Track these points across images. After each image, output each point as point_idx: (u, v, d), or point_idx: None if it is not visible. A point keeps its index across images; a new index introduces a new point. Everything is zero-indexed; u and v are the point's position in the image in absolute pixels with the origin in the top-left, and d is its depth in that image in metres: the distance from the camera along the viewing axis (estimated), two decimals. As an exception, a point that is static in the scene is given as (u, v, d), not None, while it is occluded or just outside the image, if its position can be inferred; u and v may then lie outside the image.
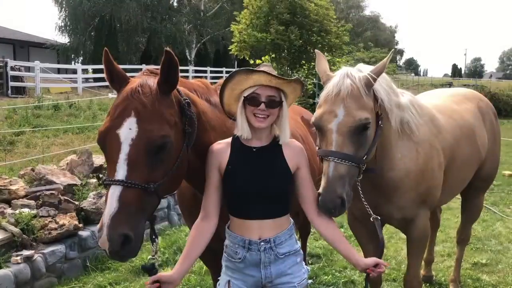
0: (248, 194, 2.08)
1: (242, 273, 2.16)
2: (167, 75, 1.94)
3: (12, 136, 9.61)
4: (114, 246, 1.75)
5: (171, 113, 1.96)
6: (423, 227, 2.97)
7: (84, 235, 4.80)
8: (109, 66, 2.01)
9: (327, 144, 2.26)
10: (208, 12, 36.35)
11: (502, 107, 22.73)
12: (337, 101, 2.28)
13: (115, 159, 1.84)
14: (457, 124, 3.34)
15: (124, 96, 1.91)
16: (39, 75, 17.88)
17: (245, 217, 2.13)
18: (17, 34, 32.56)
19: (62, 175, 5.41)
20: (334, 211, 2.14)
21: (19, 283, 4.02)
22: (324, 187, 2.16)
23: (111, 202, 1.78)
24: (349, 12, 59.98)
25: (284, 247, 2.15)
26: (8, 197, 4.85)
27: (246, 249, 2.12)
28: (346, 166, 2.19)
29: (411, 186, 2.78)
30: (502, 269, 4.74)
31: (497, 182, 9.07)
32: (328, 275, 4.43)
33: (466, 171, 3.50)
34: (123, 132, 1.85)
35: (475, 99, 3.87)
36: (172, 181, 1.99)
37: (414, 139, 2.78)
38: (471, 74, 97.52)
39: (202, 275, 4.46)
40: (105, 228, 1.74)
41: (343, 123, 2.24)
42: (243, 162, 2.12)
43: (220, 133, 2.34)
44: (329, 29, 14.00)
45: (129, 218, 1.78)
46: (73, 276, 4.54)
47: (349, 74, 2.34)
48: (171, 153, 1.94)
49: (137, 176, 1.82)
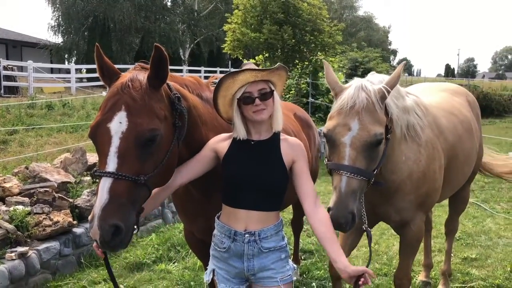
0: (241, 183, 2.15)
1: (227, 263, 2.22)
2: (157, 69, 1.98)
3: (5, 135, 9.59)
4: (105, 237, 1.79)
5: (161, 107, 2.00)
6: (418, 230, 2.98)
7: (78, 232, 4.82)
8: (100, 61, 2.05)
9: (339, 157, 2.25)
10: (202, 12, 36.35)
11: (495, 107, 22.85)
12: (352, 115, 2.26)
13: (106, 152, 1.88)
14: (458, 119, 3.38)
15: (115, 91, 1.96)
16: (32, 74, 17.79)
17: (235, 205, 2.18)
18: (10, 33, 32.39)
19: (56, 173, 5.43)
20: (345, 226, 2.14)
21: (13, 279, 4.04)
22: (336, 201, 2.16)
23: (101, 194, 1.82)
24: (343, 12, 60.19)
25: (269, 242, 2.18)
26: (2, 194, 4.87)
27: (231, 240, 2.18)
28: (358, 180, 2.20)
29: (412, 188, 2.79)
30: (491, 263, 4.82)
31: (488, 180, 9.18)
32: (320, 270, 4.48)
33: (468, 166, 3.56)
34: (113, 125, 1.89)
35: (464, 94, 3.95)
36: (162, 173, 2.04)
37: (418, 141, 2.79)
38: (464, 74, 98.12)
39: (196, 271, 4.50)
40: (96, 219, 1.79)
41: (357, 137, 2.23)
42: (240, 153, 2.19)
43: (211, 127, 2.39)
44: (322, 28, 14.06)
45: (119, 209, 1.83)
46: (68, 273, 4.56)
47: (364, 87, 2.32)
48: (161, 146, 1.98)
49: (127, 168, 1.87)
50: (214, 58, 36.93)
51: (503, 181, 9.05)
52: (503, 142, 13.43)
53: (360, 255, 4.93)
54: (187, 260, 4.79)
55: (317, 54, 14.72)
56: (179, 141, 2.12)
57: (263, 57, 14.15)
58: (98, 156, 1.95)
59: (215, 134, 2.36)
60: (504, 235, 5.77)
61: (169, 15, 33.46)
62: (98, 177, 1.88)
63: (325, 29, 14.24)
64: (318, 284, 4.25)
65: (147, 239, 5.38)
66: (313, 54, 14.68)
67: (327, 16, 14.78)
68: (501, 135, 13.79)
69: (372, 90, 2.31)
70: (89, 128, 1.99)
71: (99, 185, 1.85)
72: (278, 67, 2.19)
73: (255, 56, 14.50)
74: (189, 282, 4.24)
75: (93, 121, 1.97)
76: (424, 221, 3.07)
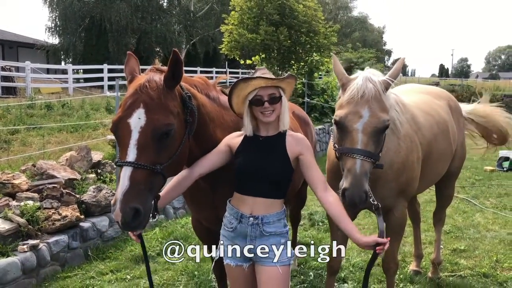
0: (249, 173, 2.43)
1: (233, 241, 2.49)
2: (173, 71, 2.23)
3: (8, 135, 9.77)
4: (126, 218, 2.03)
5: (175, 105, 2.25)
6: (401, 215, 3.24)
7: (85, 226, 5.05)
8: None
9: (352, 142, 2.47)
10: (198, 13, 36.52)
11: (487, 107, 23.20)
12: (362, 103, 2.50)
13: (126, 144, 2.13)
14: (434, 120, 3.65)
15: (134, 91, 2.20)
16: (29, 75, 17.92)
17: (243, 192, 2.47)
18: (6, 34, 32.40)
19: (63, 170, 5.64)
20: (359, 204, 2.36)
21: (26, 270, 4.26)
22: (351, 182, 2.37)
23: (123, 181, 2.06)
24: (338, 13, 60.50)
25: (270, 227, 2.44)
26: (11, 190, 5.07)
27: (238, 221, 2.46)
28: (369, 163, 2.44)
29: (393, 177, 3.04)
30: (478, 254, 5.09)
31: (479, 177, 9.48)
32: (317, 261, 4.72)
33: (442, 164, 3.83)
34: (133, 121, 2.13)
35: (446, 98, 4.22)
36: (175, 164, 2.29)
37: (398, 135, 3.05)
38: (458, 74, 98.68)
39: (199, 262, 4.71)
40: (118, 203, 2.03)
41: (368, 123, 2.47)
42: (250, 147, 2.48)
43: (218, 124, 2.65)
44: (318, 29, 14.29)
45: (139, 194, 2.07)
46: (76, 265, 4.78)
47: (370, 78, 2.58)
48: (175, 139, 2.24)
49: (145, 158, 2.11)
50: (210, 59, 37.06)
51: (493, 178, 9.38)
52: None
53: (354, 246, 5.17)
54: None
55: (313, 55, 14.94)
56: (189, 135, 2.37)
57: (260, 58, 14.36)
58: (119, 148, 2.20)
59: (221, 130, 2.63)
60: (492, 229, 6.03)
61: (165, 16, 33.56)
62: (120, 166, 2.12)
63: (321, 31, 14.47)
64: (315, 273, 4.49)
65: (151, 233, 5.60)
66: (309, 55, 14.91)
67: (322, 17, 15.01)
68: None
69: (377, 81, 2.58)
70: (111, 123, 2.24)
71: (121, 173, 2.09)
72: (287, 77, 2.47)
73: (252, 57, 14.70)
74: (192, 272, 4.47)
75: (115, 117, 2.22)
76: (406, 207, 3.33)
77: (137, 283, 4.37)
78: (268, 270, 2.41)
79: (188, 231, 5.58)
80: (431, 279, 4.39)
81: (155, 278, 4.41)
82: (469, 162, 10.69)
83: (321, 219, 6.17)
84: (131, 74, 2.36)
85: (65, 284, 4.40)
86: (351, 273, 4.53)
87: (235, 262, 2.48)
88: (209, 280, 4.32)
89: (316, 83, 15.12)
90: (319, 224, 6.09)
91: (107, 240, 5.29)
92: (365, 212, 5.69)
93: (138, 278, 4.48)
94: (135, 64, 2.42)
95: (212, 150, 2.57)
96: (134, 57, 2.45)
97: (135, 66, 2.41)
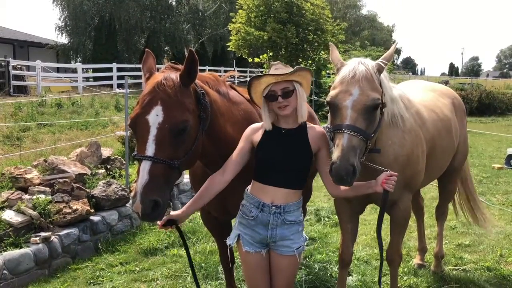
0: (272, 164, 2.51)
1: (252, 229, 2.58)
2: (189, 69, 2.33)
3: (19, 132, 9.97)
4: (146, 209, 2.14)
5: (190, 102, 2.35)
6: (406, 208, 3.29)
7: (95, 219, 5.16)
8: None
9: (341, 119, 2.52)
10: (207, 12, 36.70)
11: (497, 105, 23.02)
12: (353, 83, 2.57)
13: (145, 139, 2.23)
14: (438, 117, 3.72)
15: (152, 88, 2.30)
16: (40, 74, 18.18)
17: (264, 182, 2.55)
18: (17, 34, 32.80)
19: (73, 165, 5.76)
20: (346, 177, 2.37)
21: (38, 261, 4.39)
22: (338, 156, 2.40)
23: (142, 174, 2.17)
24: (347, 11, 60.29)
25: (291, 216, 2.55)
26: (23, 185, 5.21)
27: (259, 210, 2.54)
28: (357, 138, 2.47)
29: (398, 170, 3.04)
30: (483, 249, 5.12)
31: (486, 174, 9.46)
32: (322, 254, 4.79)
33: (444, 159, 3.90)
34: (151, 117, 2.24)
35: (451, 96, 4.28)
36: (191, 158, 2.39)
37: (403, 128, 3.11)
38: (468, 73, 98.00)
39: (206, 255, 4.82)
40: (138, 195, 2.13)
41: (357, 100, 2.53)
42: (272, 139, 2.56)
43: (227, 118, 2.74)
44: (325, 28, 14.38)
45: (157, 187, 2.17)
46: (86, 257, 4.90)
47: (362, 61, 2.68)
48: (190, 135, 2.34)
49: (164, 153, 2.21)
50: (218, 57, 37.24)
51: (501, 176, 9.36)
52: (503, 139, 13.73)
53: (359, 241, 5.23)
54: (197, 246, 5.12)
55: (320, 53, 15.01)
56: (203, 130, 2.47)
57: (268, 56, 14.45)
58: (137, 143, 2.30)
59: (231, 124, 2.72)
60: (497, 225, 6.04)
61: (174, 15, 33.79)
62: (139, 160, 2.23)
63: (328, 29, 14.55)
64: (320, 266, 4.56)
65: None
66: (316, 53, 15.00)
67: (330, 16, 15.07)
68: (503, 133, 14.06)
69: (370, 64, 2.68)
70: (129, 119, 2.34)
71: (140, 167, 2.20)
72: (296, 70, 2.51)
73: (260, 55, 14.78)
74: (200, 264, 4.56)
75: (132, 113, 2.32)
76: (411, 200, 3.38)
77: (145, 275, 4.47)
78: (287, 258, 2.56)
79: (196, 225, 5.67)
80: (435, 273, 4.44)
81: (163, 270, 4.51)
82: (478, 160, 10.69)
83: (327, 214, 6.24)
84: (149, 72, 2.46)
85: (76, 275, 4.52)
86: (356, 266, 4.59)
87: (253, 248, 2.57)
88: (216, 271, 4.41)
89: (324, 81, 15.17)
90: (325, 219, 6.15)
91: (117, 233, 5.40)
92: (371, 208, 5.73)
93: (147, 270, 4.58)
94: (152, 62, 2.51)
95: (222, 143, 2.66)
96: (151, 55, 2.54)
97: (152, 64, 2.51)
